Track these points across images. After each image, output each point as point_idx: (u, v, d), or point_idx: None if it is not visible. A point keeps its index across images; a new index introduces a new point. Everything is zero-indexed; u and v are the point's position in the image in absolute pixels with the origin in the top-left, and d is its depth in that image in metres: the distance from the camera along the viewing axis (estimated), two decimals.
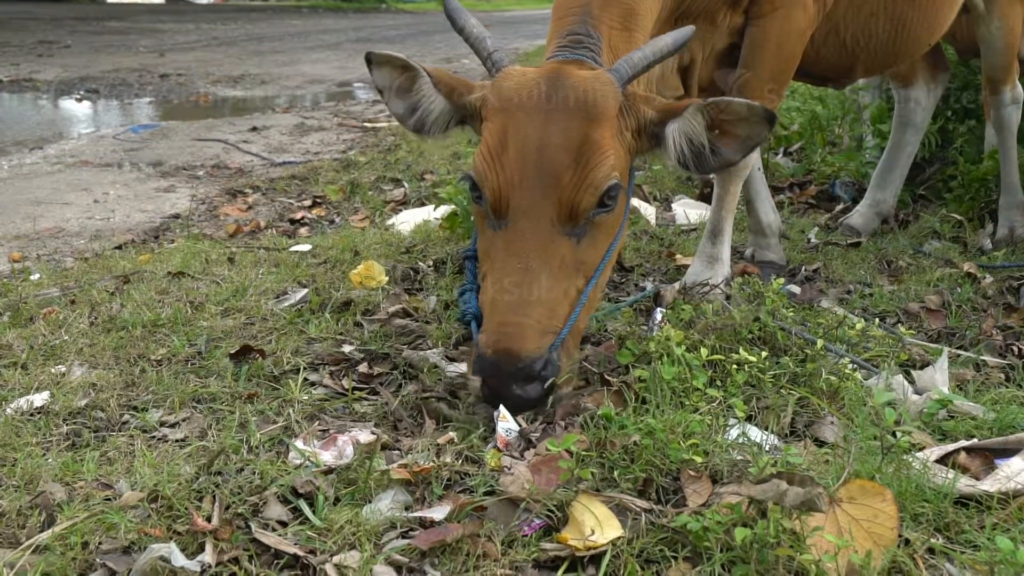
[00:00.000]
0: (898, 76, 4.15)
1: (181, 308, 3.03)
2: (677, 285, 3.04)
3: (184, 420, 2.35)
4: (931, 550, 1.77)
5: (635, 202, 4.42)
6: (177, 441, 2.24)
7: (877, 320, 2.81)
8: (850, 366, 2.44)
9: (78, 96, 9.78)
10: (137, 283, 3.32)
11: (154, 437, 2.27)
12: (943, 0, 3.41)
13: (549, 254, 2.25)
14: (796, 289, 3.27)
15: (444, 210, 3.67)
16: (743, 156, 2.39)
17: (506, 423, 2.19)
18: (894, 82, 4.20)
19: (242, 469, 2.07)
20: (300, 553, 1.76)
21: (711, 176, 3.53)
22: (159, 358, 2.69)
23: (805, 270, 3.52)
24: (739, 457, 2.06)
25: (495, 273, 2.29)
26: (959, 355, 2.71)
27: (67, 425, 2.31)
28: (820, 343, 2.50)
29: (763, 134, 2.34)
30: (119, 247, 4.11)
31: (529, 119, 2.29)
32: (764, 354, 2.41)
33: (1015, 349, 2.77)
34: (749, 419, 2.26)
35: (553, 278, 2.25)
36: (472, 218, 2.59)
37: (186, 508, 1.91)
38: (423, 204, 4.76)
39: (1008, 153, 4.00)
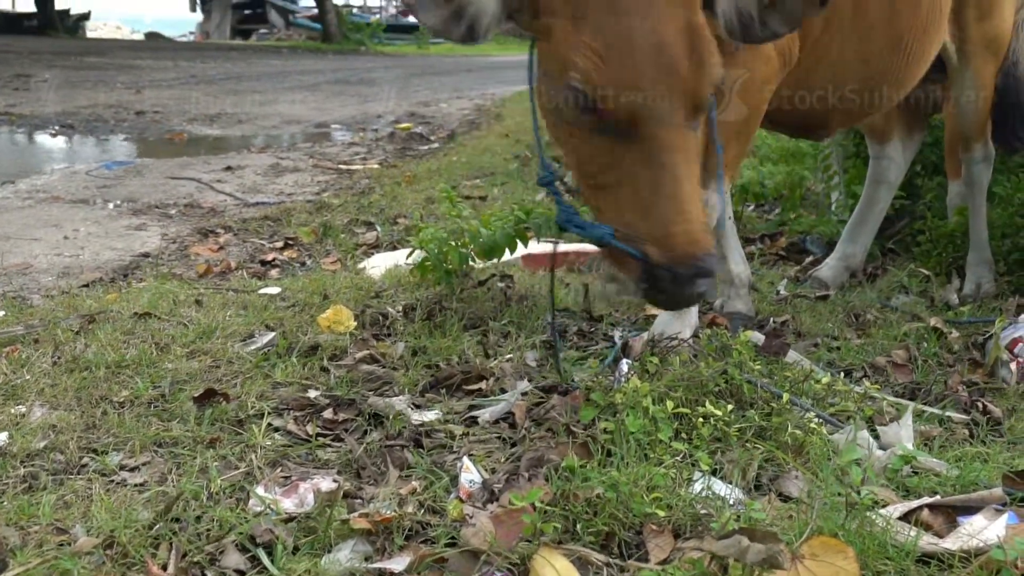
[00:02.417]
0: (874, 133, 4.20)
1: (146, 349, 3.00)
2: (646, 336, 3.04)
3: (144, 464, 2.32)
4: None
5: None
6: (136, 486, 2.21)
7: (842, 374, 2.82)
8: (815, 420, 2.45)
9: (53, 131, 9.75)
10: (103, 323, 3.29)
11: (113, 481, 2.24)
12: (915, 57, 3.46)
13: (686, 154, 2.14)
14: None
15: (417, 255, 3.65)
16: (791, 30, 2.35)
17: (469, 474, 2.18)
18: (870, 138, 4.24)
19: (201, 516, 2.04)
20: None
21: None
22: (121, 400, 2.66)
23: (773, 322, 3.53)
24: (703, 511, 2.06)
25: (634, 186, 2.15)
26: (924, 411, 2.72)
27: (24, 467, 2.28)
28: (786, 397, 2.50)
29: (814, 8, 2.33)
30: (87, 285, 4.07)
31: (634, 12, 2.11)
32: (730, 407, 2.42)
33: (979, 405, 2.79)
34: (714, 473, 2.25)
35: (695, 178, 2.16)
36: (550, 138, 2.40)
37: (142, 556, 1.88)
38: (395, 248, 4.76)
39: (978, 210, 4.04)
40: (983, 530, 1.99)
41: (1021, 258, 4.09)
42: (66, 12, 35.01)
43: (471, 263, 3.52)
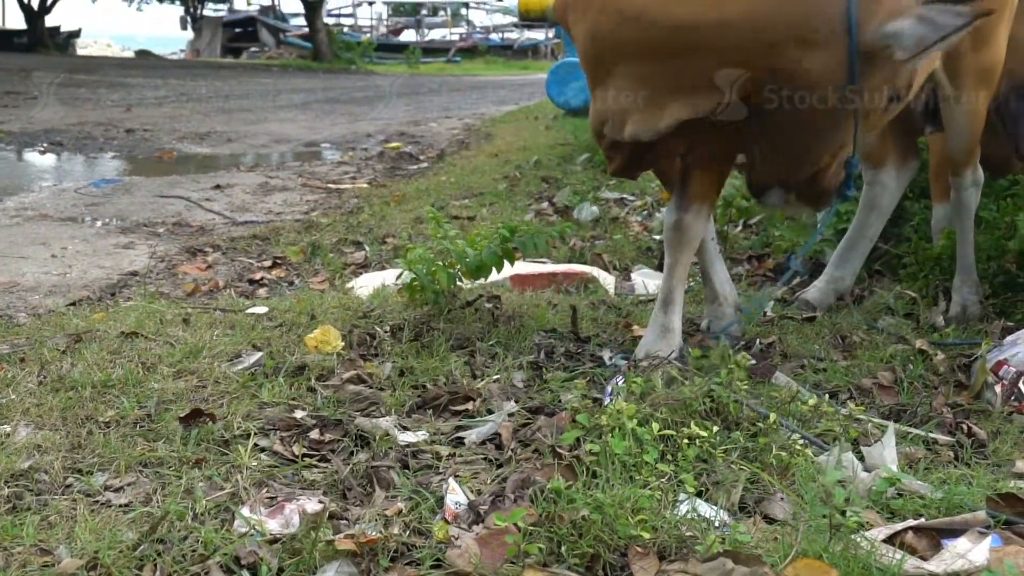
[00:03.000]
0: (868, 158, 4.20)
1: (133, 369, 3.00)
2: (632, 357, 3.05)
3: (129, 485, 2.31)
4: None
5: (595, 271, 4.45)
6: (121, 506, 2.21)
7: (828, 396, 2.83)
8: (801, 442, 2.46)
9: (42, 148, 9.74)
10: (89, 342, 3.29)
11: (97, 502, 2.23)
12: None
13: None
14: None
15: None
16: None
17: (455, 495, 2.18)
18: (864, 164, 4.24)
19: (186, 537, 2.04)
20: None
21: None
22: (107, 420, 2.65)
23: (760, 343, 3.54)
24: (688, 533, 2.06)
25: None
26: (909, 433, 2.73)
27: (8, 488, 2.27)
28: (773, 417, 2.51)
29: None
30: (74, 304, 4.07)
31: None
32: (715, 428, 2.42)
33: (964, 427, 2.80)
34: (699, 494, 2.26)
35: None
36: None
37: None
38: (384, 267, 4.76)
39: (965, 234, 4.04)
40: (967, 553, 2.00)
41: (1006, 281, 4.10)
42: (56, 29, 35.08)
43: (459, 283, 3.53)
